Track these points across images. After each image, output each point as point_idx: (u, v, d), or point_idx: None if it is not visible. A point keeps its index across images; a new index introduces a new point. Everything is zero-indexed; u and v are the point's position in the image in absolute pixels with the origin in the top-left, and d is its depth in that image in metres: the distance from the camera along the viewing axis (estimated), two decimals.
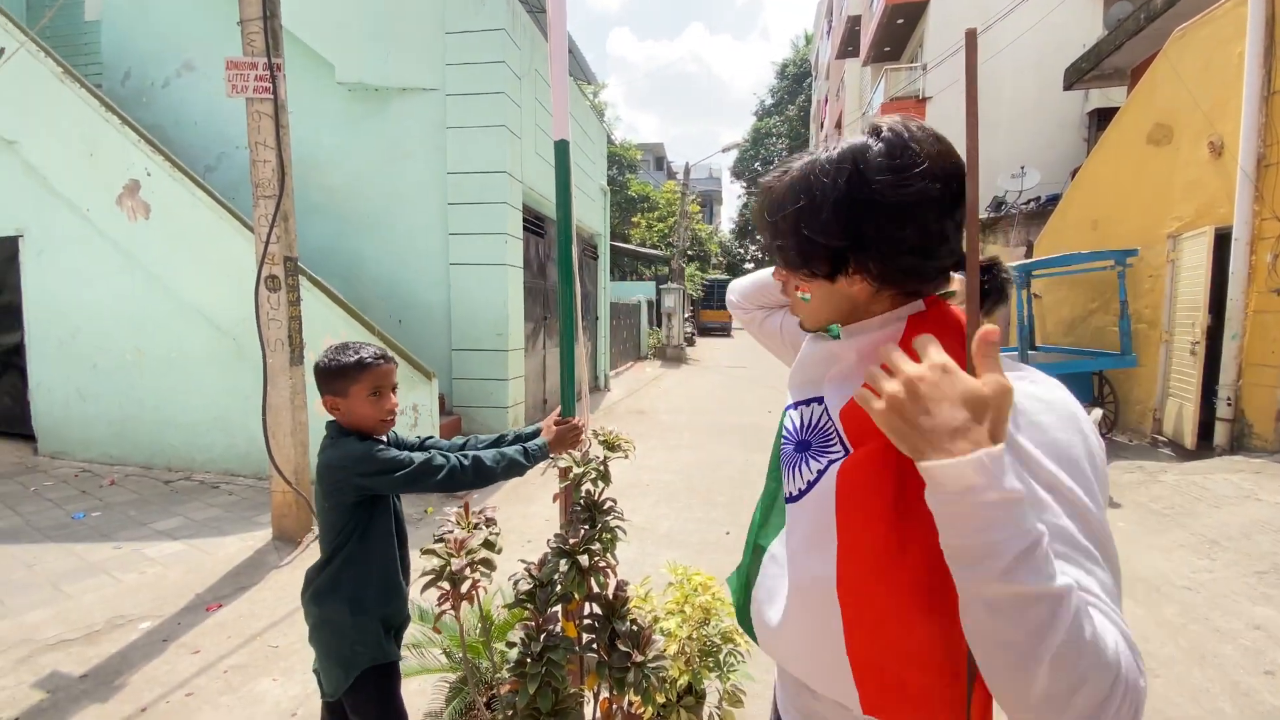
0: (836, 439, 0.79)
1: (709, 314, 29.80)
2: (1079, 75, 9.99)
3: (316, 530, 4.35)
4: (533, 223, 7.58)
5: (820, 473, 0.78)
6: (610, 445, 1.72)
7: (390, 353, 1.67)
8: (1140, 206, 7.11)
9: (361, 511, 1.63)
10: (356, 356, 1.59)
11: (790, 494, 0.83)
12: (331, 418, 1.66)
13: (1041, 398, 0.66)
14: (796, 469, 0.83)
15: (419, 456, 1.59)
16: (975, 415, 0.56)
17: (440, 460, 1.59)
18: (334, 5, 6.26)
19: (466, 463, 1.61)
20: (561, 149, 1.69)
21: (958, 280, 0.77)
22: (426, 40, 6.34)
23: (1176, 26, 6.67)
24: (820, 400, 0.85)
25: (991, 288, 0.74)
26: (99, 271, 5.69)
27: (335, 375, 1.60)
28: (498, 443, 1.77)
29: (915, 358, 0.61)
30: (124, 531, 4.36)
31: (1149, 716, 2.49)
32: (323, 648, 1.63)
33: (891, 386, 0.60)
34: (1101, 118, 12.96)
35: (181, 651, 2.94)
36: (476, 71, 6.32)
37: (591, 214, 10.80)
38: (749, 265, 50.93)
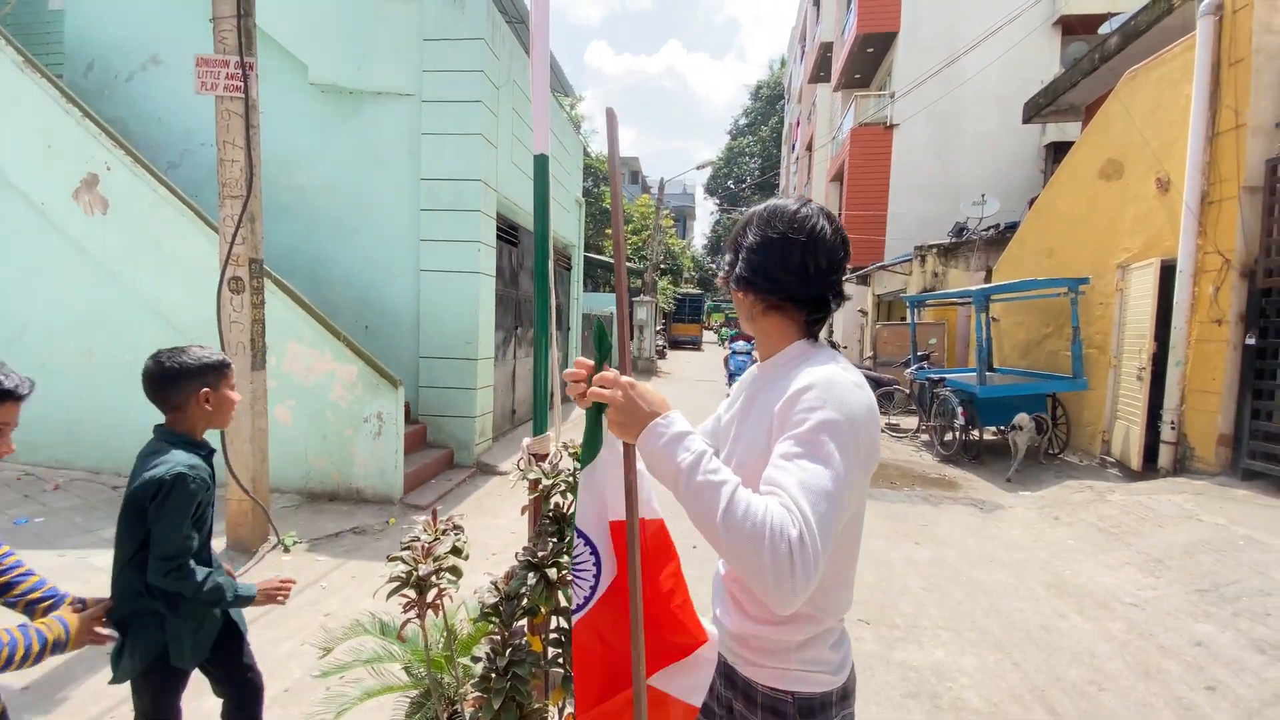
0: None
1: (680, 327, 30.00)
2: (1037, 110, 10.42)
3: (274, 538, 4.23)
4: (506, 231, 7.56)
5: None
6: (579, 457, 1.73)
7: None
8: (1092, 237, 7.43)
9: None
10: (220, 357, 1.77)
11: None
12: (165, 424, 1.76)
13: (819, 379, 0.99)
14: None
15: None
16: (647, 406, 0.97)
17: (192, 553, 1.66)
18: (309, 6, 6.18)
19: (190, 572, 1.64)
20: (541, 164, 1.71)
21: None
22: (404, 46, 6.30)
23: (1128, 68, 7.03)
24: None
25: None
26: (51, 267, 5.47)
27: (208, 370, 1.73)
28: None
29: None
30: (69, 539, 4.18)
31: None
32: (134, 633, 1.68)
33: (617, 394, 0.98)
34: (1057, 151, 13.53)
35: None
36: (454, 79, 6.31)
37: (566, 225, 10.81)
38: (720, 281, 51.38)
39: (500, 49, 6.80)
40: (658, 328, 20.87)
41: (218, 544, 4.12)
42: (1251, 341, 5.26)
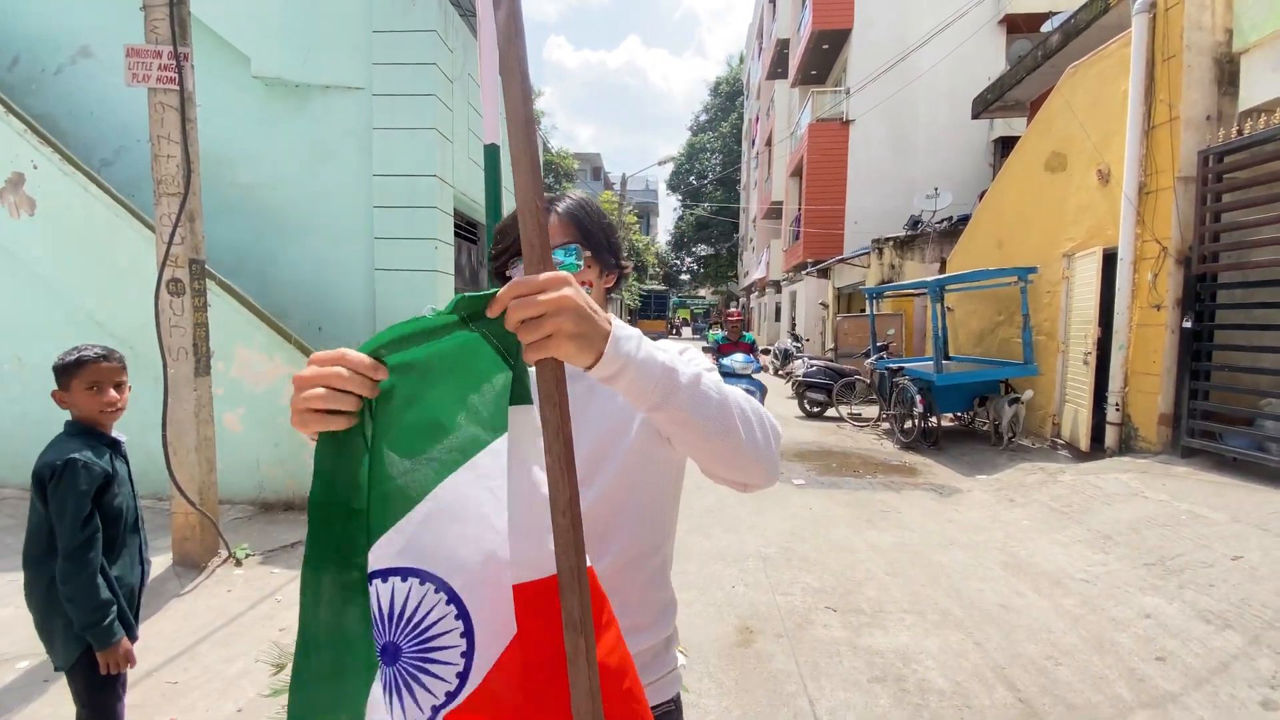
0: None
1: (645, 324, 30.08)
2: (985, 105, 10.72)
3: (225, 552, 4.06)
4: (465, 228, 7.42)
5: None
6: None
7: (114, 351, 1.85)
8: (1039, 228, 7.68)
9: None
10: (77, 355, 1.80)
11: None
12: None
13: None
14: None
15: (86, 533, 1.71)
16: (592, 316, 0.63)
17: (94, 556, 1.71)
18: None
19: (86, 572, 1.68)
20: (492, 154, 1.65)
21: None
22: (352, 38, 6.11)
23: (1070, 64, 7.27)
24: None
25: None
26: None
27: (59, 372, 1.80)
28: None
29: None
30: (1, 560, 3.93)
31: (1057, 707, 2.65)
32: (61, 619, 1.71)
33: (566, 292, 0.61)
34: (1005, 145, 13.95)
35: (66, 692, 2.65)
36: (406, 72, 6.14)
37: None
38: (685, 276, 51.62)
39: (453, 41, 6.66)
40: None
41: (164, 559, 3.93)
42: (1188, 325, 5.50)
